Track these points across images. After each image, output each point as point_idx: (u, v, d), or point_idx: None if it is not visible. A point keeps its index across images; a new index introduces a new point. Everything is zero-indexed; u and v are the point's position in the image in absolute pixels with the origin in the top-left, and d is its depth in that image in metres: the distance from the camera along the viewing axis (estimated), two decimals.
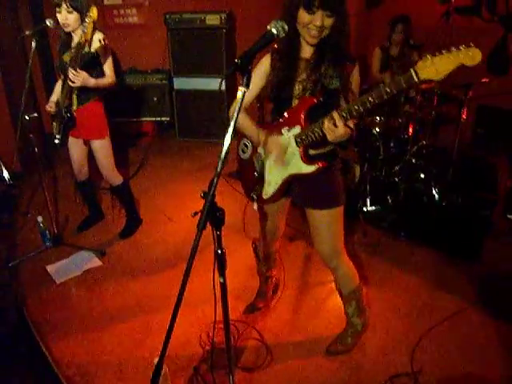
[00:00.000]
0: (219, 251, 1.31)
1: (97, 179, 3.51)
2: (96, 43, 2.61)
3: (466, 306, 2.45)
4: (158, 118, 5.28)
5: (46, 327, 2.38)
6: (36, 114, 2.85)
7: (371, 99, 1.45)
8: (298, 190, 1.92)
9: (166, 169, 4.52)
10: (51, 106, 2.79)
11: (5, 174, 3.56)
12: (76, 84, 2.57)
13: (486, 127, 4.58)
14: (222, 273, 1.34)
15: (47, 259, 2.98)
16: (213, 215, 1.23)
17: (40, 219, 3.01)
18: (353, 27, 1.74)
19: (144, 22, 5.29)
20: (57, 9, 2.58)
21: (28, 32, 2.82)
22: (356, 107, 1.49)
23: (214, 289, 1.38)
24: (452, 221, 3.29)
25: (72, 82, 2.56)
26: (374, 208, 3.48)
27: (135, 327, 2.39)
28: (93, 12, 2.48)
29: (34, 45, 2.76)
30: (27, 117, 2.74)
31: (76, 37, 2.67)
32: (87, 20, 2.48)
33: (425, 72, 1.34)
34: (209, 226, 1.25)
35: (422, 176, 3.67)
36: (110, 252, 3.07)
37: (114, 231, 3.30)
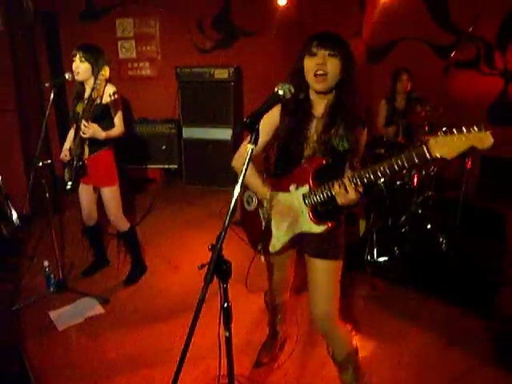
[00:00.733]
0: (225, 304, 1.31)
1: (104, 224, 3.54)
2: (107, 96, 2.72)
3: (479, 363, 2.37)
4: (166, 166, 5.41)
5: (46, 375, 2.33)
6: (50, 161, 2.93)
7: (383, 169, 1.47)
8: (303, 240, 1.91)
9: (173, 216, 4.55)
10: (66, 155, 2.89)
11: (14, 217, 3.60)
12: (86, 135, 2.69)
13: (492, 177, 4.61)
14: (228, 327, 1.33)
15: (50, 304, 2.95)
16: (220, 268, 1.24)
17: (46, 263, 3.02)
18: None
19: (156, 75, 5.55)
20: (73, 58, 2.77)
21: (47, 84, 2.93)
22: (367, 175, 1.52)
23: (220, 343, 1.36)
24: (461, 272, 3.24)
25: (83, 134, 2.68)
26: (382, 259, 3.45)
27: (137, 381, 2.32)
28: (105, 71, 2.65)
29: (52, 96, 2.87)
30: (41, 163, 2.82)
31: (88, 88, 2.81)
32: (99, 78, 2.64)
33: (437, 150, 1.34)
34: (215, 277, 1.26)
35: (429, 226, 3.67)
36: (114, 299, 3.04)
37: (119, 278, 3.28)
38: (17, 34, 4.18)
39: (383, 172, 1.48)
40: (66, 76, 2.81)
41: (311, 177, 1.70)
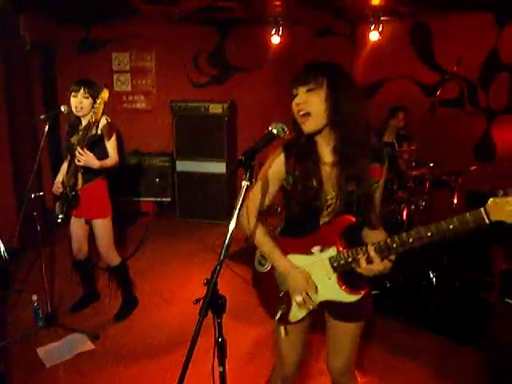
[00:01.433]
0: (219, 339, 1.30)
1: (94, 258, 3.51)
2: (102, 126, 2.76)
3: None
4: (159, 199, 5.43)
5: None
6: (42, 193, 2.91)
7: (429, 235, 1.36)
8: (325, 303, 1.61)
9: (165, 249, 4.53)
10: (59, 187, 2.88)
11: (1, 249, 3.55)
12: (81, 163, 2.66)
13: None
14: (222, 362, 1.32)
15: (38, 340, 2.88)
16: (215, 303, 1.24)
17: (35, 298, 2.97)
18: None
19: (151, 108, 5.65)
20: (73, 93, 2.76)
21: (42, 116, 2.90)
22: (394, 246, 1.38)
23: (213, 378, 1.34)
24: (450, 305, 3.30)
25: (78, 161, 2.66)
26: (373, 293, 3.43)
27: None
28: (104, 93, 2.64)
29: (47, 129, 2.84)
30: (33, 195, 2.80)
31: (84, 121, 2.82)
32: (98, 101, 2.62)
33: (497, 213, 1.20)
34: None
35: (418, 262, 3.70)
36: (104, 335, 2.98)
37: (109, 312, 3.22)
38: (12, 65, 4.23)
39: (427, 238, 1.36)
40: (62, 109, 2.80)
41: (339, 238, 1.49)
